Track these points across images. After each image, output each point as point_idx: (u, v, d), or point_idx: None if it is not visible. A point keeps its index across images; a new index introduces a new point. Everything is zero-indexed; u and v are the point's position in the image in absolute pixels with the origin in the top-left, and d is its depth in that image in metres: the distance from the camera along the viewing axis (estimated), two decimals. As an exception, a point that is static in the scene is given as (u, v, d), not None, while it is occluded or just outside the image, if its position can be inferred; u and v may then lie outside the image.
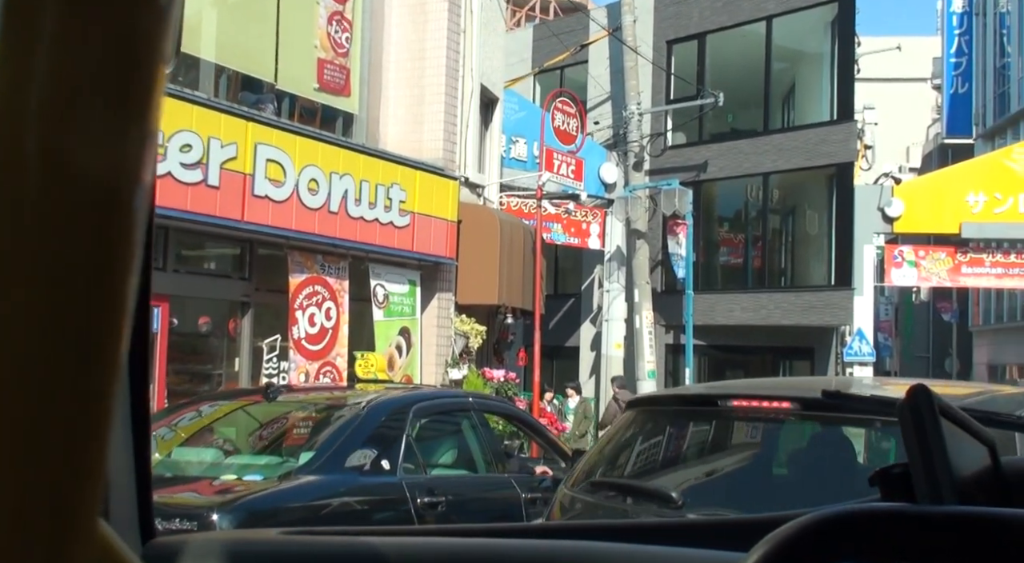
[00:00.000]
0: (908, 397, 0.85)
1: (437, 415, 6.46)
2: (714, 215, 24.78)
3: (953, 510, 0.77)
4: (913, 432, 0.84)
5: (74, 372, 0.42)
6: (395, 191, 12.05)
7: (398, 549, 1.42)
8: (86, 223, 0.41)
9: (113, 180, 0.42)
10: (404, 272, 12.71)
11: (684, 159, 23.00)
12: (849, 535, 0.70)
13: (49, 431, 0.41)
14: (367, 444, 5.49)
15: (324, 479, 5.16)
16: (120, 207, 0.42)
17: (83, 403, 0.43)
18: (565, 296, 24.44)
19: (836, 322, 21.06)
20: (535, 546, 1.44)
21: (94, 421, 0.43)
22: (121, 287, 0.43)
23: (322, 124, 12.18)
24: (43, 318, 0.41)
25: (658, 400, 4.90)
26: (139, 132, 0.43)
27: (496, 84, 15.36)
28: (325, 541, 1.49)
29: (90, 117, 0.41)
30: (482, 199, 14.83)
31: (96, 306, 0.42)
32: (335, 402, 6.22)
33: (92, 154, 0.41)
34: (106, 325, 0.43)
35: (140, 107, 0.42)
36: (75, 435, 0.42)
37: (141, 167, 0.43)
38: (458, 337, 13.38)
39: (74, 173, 0.40)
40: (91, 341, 0.42)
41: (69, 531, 0.42)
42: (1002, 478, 0.99)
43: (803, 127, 22.36)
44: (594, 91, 23.91)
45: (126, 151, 0.42)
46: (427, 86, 13.09)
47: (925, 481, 0.82)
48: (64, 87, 0.40)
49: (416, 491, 5.47)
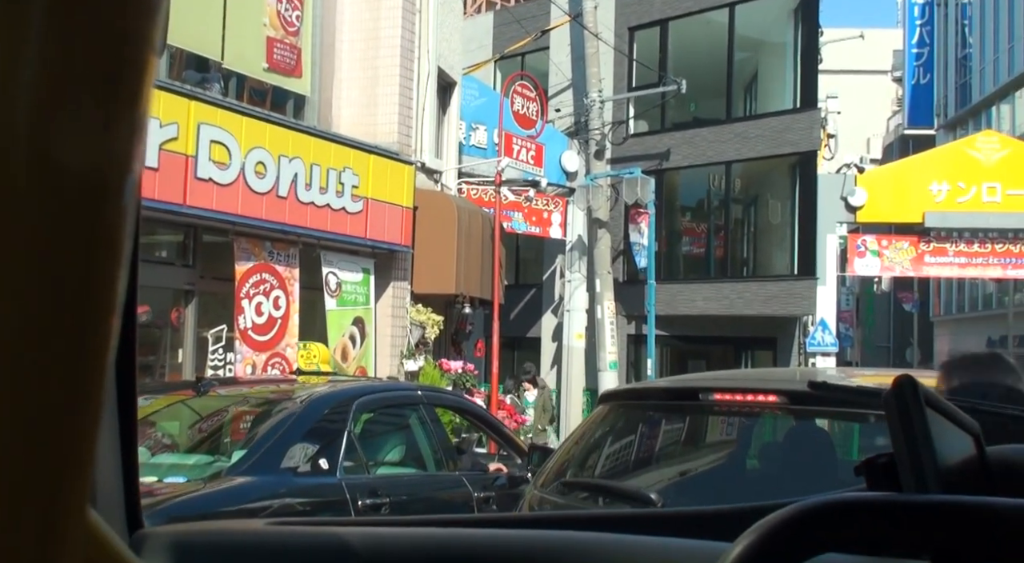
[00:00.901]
0: (894, 387, 0.85)
1: (382, 410, 6.05)
2: (676, 204, 24.58)
3: (938, 499, 0.76)
4: (898, 421, 0.84)
5: (63, 365, 0.42)
6: (347, 175, 11.60)
7: (383, 540, 1.43)
8: (75, 215, 0.41)
9: (103, 172, 0.42)
10: (357, 260, 12.26)
11: (646, 147, 22.72)
12: (835, 524, 0.70)
13: (38, 423, 0.41)
14: (304, 442, 5.08)
15: (255, 480, 4.74)
16: (110, 199, 0.42)
17: (72, 396, 0.42)
18: (526, 286, 24.16)
19: (799, 312, 20.89)
20: (519, 535, 1.44)
21: (83, 413, 0.43)
22: (111, 279, 0.43)
23: (273, 106, 11.69)
24: (32, 311, 0.40)
25: (634, 393, 4.58)
26: (129, 124, 0.42)
27: (454, 67, 14.93)
28: (310, 532, 1.49)
29: (79, 109, 0.40)
30: (439, 185, 14.40)
31: (85, 298, 0.42)
32: (273, 396, 5.79)
33: (81, 146, 0.41)
34: (95, 317, 0.43)
35: (130, 99, 0.42)
36: (64, 427, 0.42)
37: (131, 159, 0.43)
38: (414, 327, 12.96)
39: (63, 165, 0.40)
40: (80, 333, 0.42)
41: (59, 522, 0.42)
42: (987, 467, 0.98)
43: (766, 115, 22.15)
44: (556, 78, 23.54)
45: (116, 143, 0.42)
46: (381, 67, 12.63)
47: (910, 470, 0.82)
48: (53, 79, 0.40)
49: (357, 492, 5.07)
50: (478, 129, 18.01)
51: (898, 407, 0.84)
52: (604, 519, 1.61)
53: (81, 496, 0.44)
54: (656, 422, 4.36)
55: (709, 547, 1.28)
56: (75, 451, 0.43)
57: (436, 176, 14.30)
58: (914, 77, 39.45)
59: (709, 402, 3.83)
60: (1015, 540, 0.68)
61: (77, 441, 0.43)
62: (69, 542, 0.44)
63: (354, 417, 5.40)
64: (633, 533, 1.40)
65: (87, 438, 0.44)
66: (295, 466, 4.94)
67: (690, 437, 4.31)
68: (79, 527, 0.45)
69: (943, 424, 0.91)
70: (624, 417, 4.36)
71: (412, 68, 12.92)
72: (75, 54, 0.40)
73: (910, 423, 0.83)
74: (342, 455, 5.17)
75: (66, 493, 0.43)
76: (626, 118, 23.11)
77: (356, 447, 5.38)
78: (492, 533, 1.47)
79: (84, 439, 0.43)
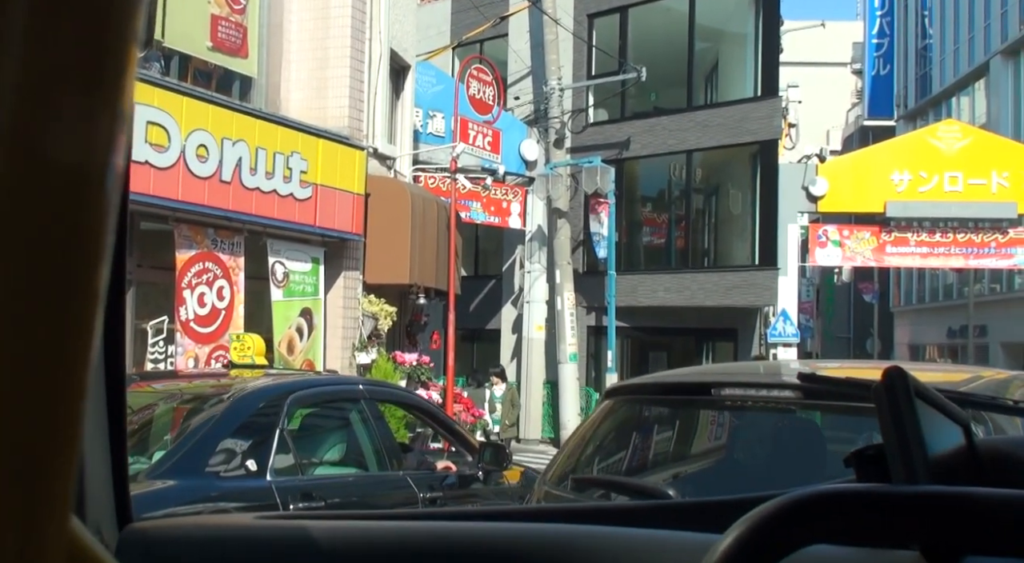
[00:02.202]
0: (884, 378, 0.86)
1: (319, 405, 5.62)
2: (637, 194, 24.34)
3: (926, 489, 0.76)
4: (888, 413, 0.85)
5: (45, 361, 0.41)
6: (295, 160, 11.13)
7: (377, 533, 1.43)
8: (57, 208, 0.40)
9: (85, 164, 0.41)
10: (306, 248, 11.80)
11: (606, 136, 22.42)
12: (823, 515, 0.71)
13: (19, 422, 0.40)
14: (231, 441, 4.66)
15: (175, 484, 4.31)
16: (93, 192, 0.42)
17: (55, 390, 0.42)
18: (486, 277, 23.83)
19: (760, 302, 20.69)
20: (507, 528, 1.43)
21: (66, 412, 0.42)
22: (93, 273, 0.42)
23: (218, 88, 11.17)
24: (12, 305, 0.40)
25: (641, 388, 4.39)
26: (111, 116, 0.42)
27: (407, 50, 14.47)
28: (301, 526, 1.46)
29: (61, 100, 0.40)
30: (393, 172, 13.95)
31: (68, 293, 0.41)
32: (201, 392, 5.34)
33: (63, 138, 0.40)
34: (79, 311, 0.42)
35: (112, 91, 0.42)
36: (47, 424, 0.41)
37: (113, 151, 0.42)
38: (366, 319, 12.52)
39: (45, 157, 0.40)
40: (63, 329, 0.42)
41: (40, 526, 0.42)
42: (976, 458, 0.98)
43: (727, 103, 21.93)
44: (515, 66, 23.16)
45: (98, 135, 0.42)
46: (331, 49, 12.16)
47: (900, 461, 0.83)
48: (35, 69, 0.39)
49: (289, 495, 4.65)
50: (435, 117, 17.55)
51: (888, 398, 0.85)
52: (591, 512, 1.54)
53: (64, 500, 0.43)
54: (666, 417, 4.28)
55: (699, 539, 1.26)
56: (58, 449, 0.42)
57: (389, 162, 13.86)
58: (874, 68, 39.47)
59: (722, 397, 3.70)
60: (1003, 530, 0.68)
61: (60, 439, 0.42)
62: (51, 548, 0.42)
63: (287, 414, 4.98)
64: (622, 525, 1.37)
65: (70, 435, 0.42)
66: (219, 468, 4.52)
67: (702, 431, 4.24)
68: (61, 532, 0.43)
69: (933, 415, 0.91)
70: (631, 412, 4.28)
71: (363, 50, 12.46)
72: (57, 45, 0.39)
73: (899, 414, 0.84)
74: (273, 455, 4.75)
75: (47, 497, 0.42)
76: (586, 106, 22.80)
77: (289, 446, 4.96)
78: (494, 527, 1.45)
79: (67, 436, 0.42)
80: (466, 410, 14.48)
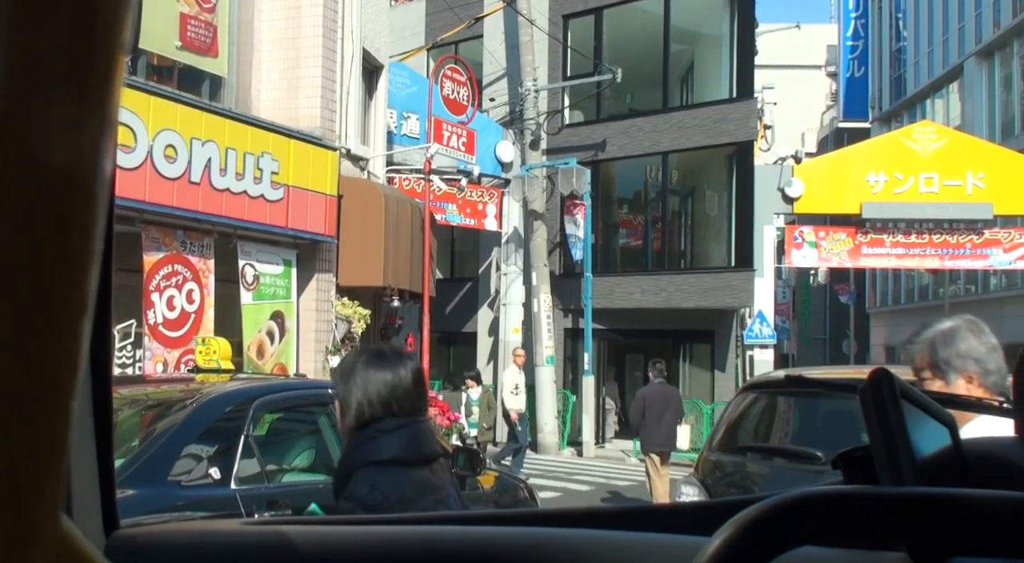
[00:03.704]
0: (870, 380, 0.86)
1: (287, 411, 5.45)
2: (613, 196, 24.27)
3: (913, 491, 0.76)
4: (874, 414, 0.85)
5: (34, 366, 0.41)
6: (266, 161, 10.95)
7: (366, 538, 1.42)
8: (45, 212, 0.40)
9: (73, 168, 0.41)
10: (278, 251, 11.61)
11: (582, 138, 22.32)
12: (811, 517, 0.70)
13: (7, 425, 0.40)
14: (193, 448, 4.49)
15: (134, 494, 4.14)
16: (81, 197, 0.41)
17: (43, 396, 0.42)
18: (462, 280, 23.67)
19: (737, 304, 20.63)
20: (499, 532, 1.42)
21: (54, 415, 0.42)
22: (83, 277, 0.42)
23: (187, 86, 10.96)
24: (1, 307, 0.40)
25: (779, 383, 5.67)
26: (99, 120, 0.42)
27: (380, 50, 14.30)
28: (289, 531, 1.45)
29: (49, 104, 0.40)
30: (366, 173, 13.78)
31: (57, 297, 0.41)
32: (164, 397, 5.18)
33: (52, 143, 0.40)
34: (67, 317, 0.42)
35: (100, 95, 0.42)
36: (35, 430, 0.41)
37: (101, 155, 0.42)
38: (339, 322, 12.35)
39: (32, 161, 0.40)
40: (51, 334, 0.41)
41: (30, 527, 0.42)
42: (962, 458, 0.99)
43: (703, 105, 21.89)
44: (490, 67, 23.03)
45: (86, 140, 0.41)
46: (303, 48, 11.99)
47: (886, 463, 0.83)
48: (22, 73, 0.39)
49: (254, 504, 4.49)
50: (410, 118, 17.40)
51: (874, 400, 0.85)
52: (580, 515, 1.52)
53: (54, 501, 0.42)
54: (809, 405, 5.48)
55: (687, 542, 1.26)
56: (46, 455, 0.42)
57: (362, 163, 13.68)
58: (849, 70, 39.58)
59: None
60: (990, 531, 0.69)
61: (49, 444, 0.41)
62: (41, 549, 0.42)
63: (253, 419, 4.81)
64: (611, 529, 1.36)
65: (59, 441, 0.42)
66: (181, 477, 4.36)
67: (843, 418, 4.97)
68: (52, 533, 0.43)
69: (919, 416, 0.92)
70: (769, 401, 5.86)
71: (335, 49, 12.30)
72: (45, 48, 0.39)
73: (885, 416, 0.85)
74: (238, 462, 4.58)
75: (38, 498, 0.41)
76: (561, 108, 22.70)
77: (254, 453, 4.79)
78: (479, 531, 1.45)
79: (56, 442, 0.42)
80: (441, 414, 14.31)
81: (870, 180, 20.40)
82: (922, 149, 20.31)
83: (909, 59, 35.88)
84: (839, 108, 40.72)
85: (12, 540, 0.41)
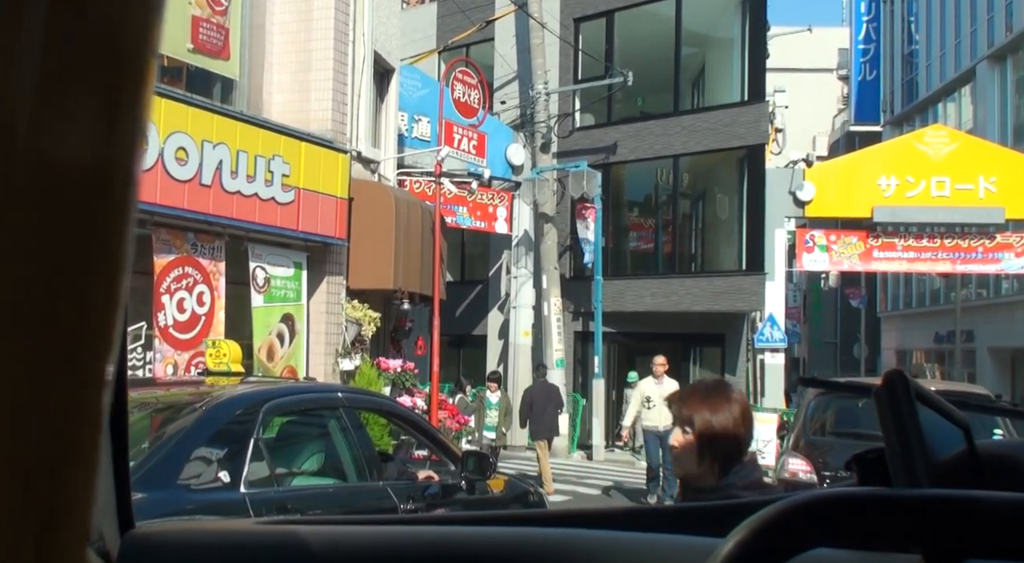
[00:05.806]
0: (884, 381, 0.86)
1: (296, 414, 5.45)
2: (623, 199, 24.24)
3: (927, 493, 0.76)
4: (889, 416, 0.84)
5: (62, 379, 0.41)
6: (277, 163, 10.96)
7: (378, 538, 1.43)
8: (75, 217, 0.40)
9: (103, 173, 0.41)
10: (288, 253, 11.61)
11: (593, 141, 22.30)
12: (825, 519, 0.71)
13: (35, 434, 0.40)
14: (203, 452, 4.49)
15: (143, 498, 4.13)
16: (110, 201, 0.42)
17: (72, 401, 0.41)
18: (472, 282, 23.66)
19: (747, 308, 20.58)
20: (512, 533, 1.43)
21: (84, 421, 0.42)
22: (113, 282, 0.42)
23: (198, 89, 10.97)
24: (31, 315, 0.40)
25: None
26: (129, 125, 0.42)
27: (391, 53, 14.31)
28: (302, 531, 1.47)
29: (80, 109, 0.40)
30: (377, 176, 13.79)
31: (87, 302, 0.41)
32: (174, 400, 5.17)
33: (82, 147, 0.40)
34: (97, 322, 0.42)
35: (130, 100, 0.42)
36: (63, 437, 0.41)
37: (131, 161, 0.42)
38: (350, 324, 12.35)
39: (63, 166, 0.40)
40: (82, 339, 0.41)
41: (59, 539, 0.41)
42: (977, 461, 0.98)
43: (714, 108, 21.87)
44: (501, 70, 23.03)
45: (117, 145, 0.42)
46: (314, 51, 11.99)
47: (901, 465, 0.83)
48: (54, 78, 0.39)
49: (263, 508, 4.48)
50: (421, 121, 17.40)
51: (889, 401, 0.85)
52: (593, 516, 1.53)
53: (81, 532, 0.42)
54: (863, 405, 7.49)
55: (702, 543, 1.25)
56: (78, 460, 0.41)
57: (373, 166, 13.69)
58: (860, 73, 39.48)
59: None
60: (1005, 533, 0.69)
61: (81, 450, 0.41)
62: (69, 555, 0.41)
63: (262, 423, 4.81)
64: (624, 529, 1.37)
65: (91, 445, 0.41)
66: (191, 480, 4.35)
67: None
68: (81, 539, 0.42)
69: (934, 419, 0.92)
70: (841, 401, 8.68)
71: (347, 52, 12.30)
72: (76, 54, 0.39)
73: (900, 417, 0.84)
74: (247, 467, 4.58)
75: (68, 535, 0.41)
76: (572, 111, 22.70)
77: (264, 457, 4.79)
78: (482, 531, 1.46)
79: (88, 446, 0.41)
80: (451, 417, 14.31)
81: (882, 184, 20.32)
82: (934, 153, 20.22)
83: (921, 62, 35.77)
84: (851, 111, 40.61)
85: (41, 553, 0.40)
